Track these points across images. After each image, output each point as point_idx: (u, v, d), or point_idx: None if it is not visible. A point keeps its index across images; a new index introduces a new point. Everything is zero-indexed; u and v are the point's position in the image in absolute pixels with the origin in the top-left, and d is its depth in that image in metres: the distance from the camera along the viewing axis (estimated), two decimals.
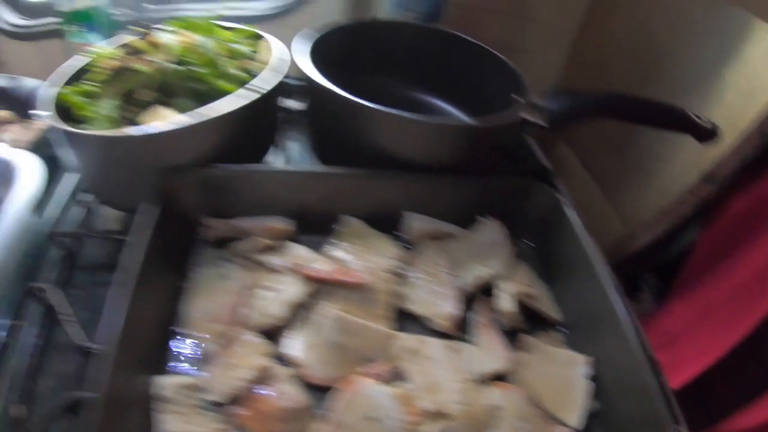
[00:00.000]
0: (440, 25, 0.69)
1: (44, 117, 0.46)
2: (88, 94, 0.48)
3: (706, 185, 0.58)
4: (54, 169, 0.58)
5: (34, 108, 0.49)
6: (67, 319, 0.41)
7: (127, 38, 0.55)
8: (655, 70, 0.66)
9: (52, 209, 0.55)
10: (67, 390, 0.37)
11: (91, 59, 0.51)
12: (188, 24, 0.52)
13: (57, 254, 0.49)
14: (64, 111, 0.46)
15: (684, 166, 0.60)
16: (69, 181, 0.58)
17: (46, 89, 0.48)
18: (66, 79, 0.49)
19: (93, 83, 0.48)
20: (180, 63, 0.46)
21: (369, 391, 0.35)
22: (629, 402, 0.37)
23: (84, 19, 0.73)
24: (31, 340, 0.41)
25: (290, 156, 0.59)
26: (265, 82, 0.46)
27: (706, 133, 0.52)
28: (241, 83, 0.46)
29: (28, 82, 0.55)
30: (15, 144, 0.67)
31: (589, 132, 0.75)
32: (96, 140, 0.42)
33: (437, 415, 0.35)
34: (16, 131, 0.74)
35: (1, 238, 0.47)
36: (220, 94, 0.45)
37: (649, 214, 0.65)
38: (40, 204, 0.55)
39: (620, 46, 0.72)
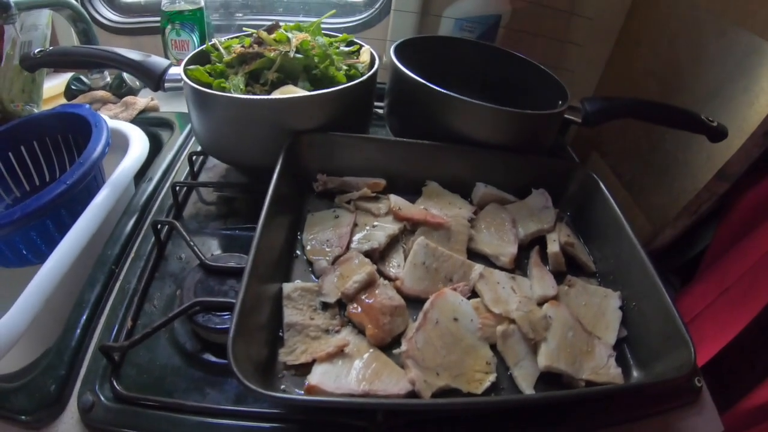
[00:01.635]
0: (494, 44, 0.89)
1: (181, 87, 0.62)
2: (216, 73, 0.64)
3: (720, 183, 0.72)
4: (151, 141, 0.76)
5: (164, 81, 0.65)
6: (193, 244, 0.55)
7: (234, 38, 0.70)
8: (675, 84, 0.82)
9: (163, 169, 0.72)
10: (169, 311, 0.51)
11: (208, 46, 0.67)
12: (299, 27, 0.68)
13: (170, 201, 0.65)
14: None
15: (701, 168, 0.74)
16: (177, 147, 0.77)
17: (177, 67, 0.64)
18: (189, 61, 0.66)
19: (220, 64, 0.64)
20: (300, 53, 0.62)
21: (454, 299, 0.49)
22: (652, 331, 0.49)
23: (183, 19, 0.91)
24: (142, 269, 0.55)
25: None
26: (369, 74, 0.63)
27: (716, 134, 0.67)
28: (348, 76, 0.63)
29: (159, 59, 0.66)
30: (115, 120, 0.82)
31: (619, 144, 0.92)
32: (237, 103, 0.57)
33: (503, 319, 0.48)
34: (115, 109, 0.90)
35: (115, 191, 0.64)
36: (332, 81, 0.62)
37: (672, 214, 0.78)
38: (151, 166, 0.73)
39: (646, 65, 0.89)
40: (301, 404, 0.44)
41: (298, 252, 0.55)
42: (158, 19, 0.95)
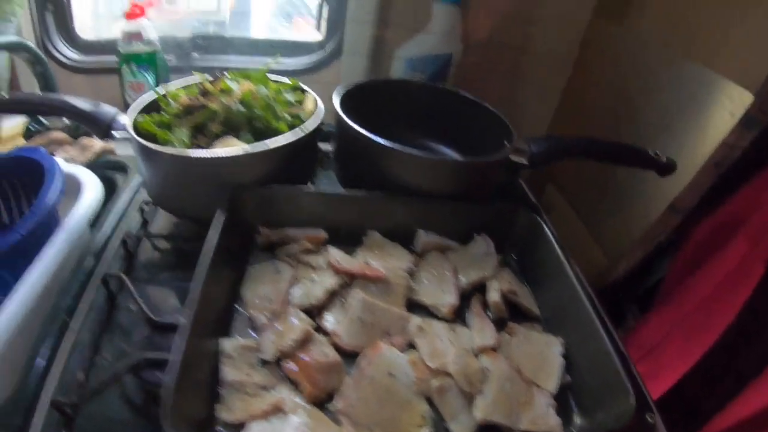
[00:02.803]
0: (446, 84, 0.92)
1: (129, 137, 0.64)
2: (163, 124, 0.67)
3: (672, 215, 0.75)
4: (106, 185, 0.78)
5: (112, 131, 0.67)
6: (140, 299, 0.58)
7: (187, 81, 0.74)
8: (627, 117, 0.86)
9: (116, 217, 0.75)
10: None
11: (159, 96, 0.70)
12: (246, 75, 0.72)
13: (121, 253, 0.68)
14: (141, 136, 0.63)
15: (654, 201, 0.77)
16: (130, 194, 0.80)
17: (126, 116, 0.67)
18: (139, 109, 0.69)
19: (167, 115, 0.67)
20: (243, 105, 0.65)
21: (389, 353, 0.51)
22: (595, 376, 0.52)
23: (140, 61, 0.95)
24: (94, 321, 0.58)
25: (324, 185, 0.80)
26: (309, 124, 0.66)
27: (664, 168, 0.70)
28: (291, 125, 0.66)
29: (108, 108, 0.68)
30: (72, 162, 0.84)
31: (574, 176, 0.96)
32: (178, 159, 0.60)
33: (439, 373, 0.51)
34: (71, 151, 0.92)
35: (68, 239, 0.66)
36: (275, 132, 0.65)
37: (627, 245, 0.82)
38: (104, 212, 0.75)
39: (599, 98, 0.93)
40: None
41: (237, 306, 0.57)
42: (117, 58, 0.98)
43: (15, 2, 0.96)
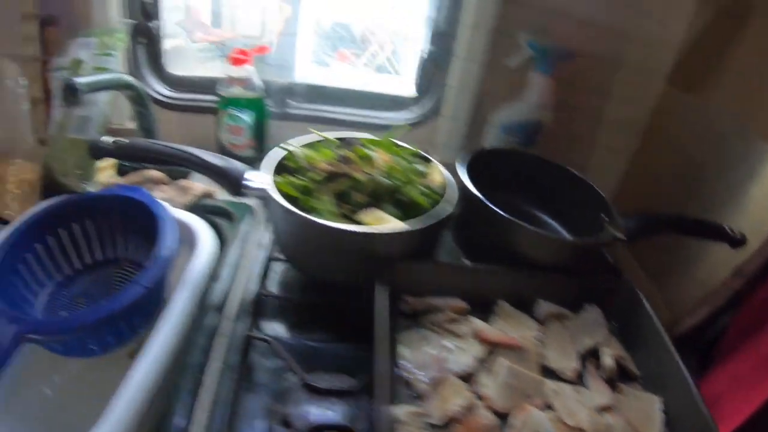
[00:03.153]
0: (534, 148, 1.03)
1: (275, 200, 0.69)
2: (304, 189, 0.73)
3: (737, 279, 0.86)
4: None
5: (241, 188, 0.70)
6: (292, 363, 0.66)
7: (306, 139, 0.81)
8: (694, 186, 0.96)
9: (231, 269, 0.79)
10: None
11: (290, 157, 0.77)
12: (374, 141, 0.80)
13: (246, 308, 0.73)
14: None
15: (720, 264, 0.88)
16: (241, 244, 0.85)
17: (257, 173, 0.72)
18: (272, 168, 0.74)
19: (306, 179, 0.74)
20: (387, 177, 0.73)
21: (535, 414, 0.62)
22: (689, 429, 0.64)
23: (240, 105, 1.00)
24: (231, 380, 0.62)
25: (444, 249, 0.87)
26: (451, 198, 0.76)
27: (736, 242, 0.82)
28: (429, 198, 0.75)
29: (237, 164, 0.72)
30: (171, 204, 0.82)
31: None
32: (333, 230, 0.66)
33: (576, 430, 0.62)
34: (169, 192, 0.94)
35: (191, 294, 0.67)
36: (414, 204, 0.73)
37: (691, 303, 0.92)
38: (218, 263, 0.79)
39: (667, 166, 1.03)
40: None
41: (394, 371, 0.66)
42: (209, 97, 1.03)
43: (116, 36, 0.98)
